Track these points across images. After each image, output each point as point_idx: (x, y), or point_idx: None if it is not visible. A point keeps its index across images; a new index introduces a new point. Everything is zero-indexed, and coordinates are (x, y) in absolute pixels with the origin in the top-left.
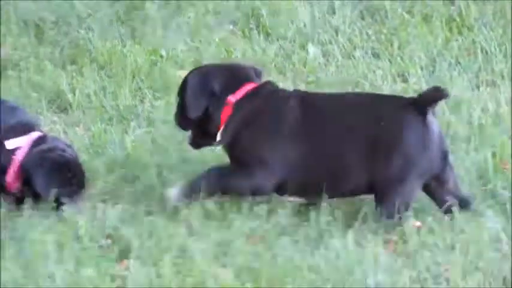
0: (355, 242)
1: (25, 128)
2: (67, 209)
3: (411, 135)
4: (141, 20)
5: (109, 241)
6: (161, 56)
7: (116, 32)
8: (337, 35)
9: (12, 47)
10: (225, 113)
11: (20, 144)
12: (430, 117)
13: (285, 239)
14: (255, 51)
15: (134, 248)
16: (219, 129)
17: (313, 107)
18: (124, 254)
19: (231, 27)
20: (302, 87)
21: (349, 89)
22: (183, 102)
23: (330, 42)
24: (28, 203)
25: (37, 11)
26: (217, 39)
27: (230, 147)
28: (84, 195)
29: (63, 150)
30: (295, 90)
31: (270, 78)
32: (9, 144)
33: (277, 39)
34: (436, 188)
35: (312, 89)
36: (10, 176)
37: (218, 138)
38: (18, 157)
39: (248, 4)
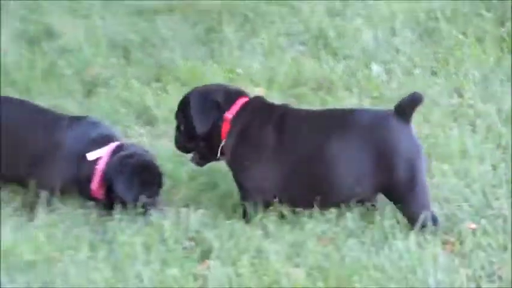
0: (416, 243)
1: (105, 140)
2: (153, 213)
3: (405, 142)
4: (219, 41)
5: (192, 243)
6: (237, 74)
7: (197, 52)
8: (398, 54)
9: (102, 67)
10: (225, 128)
11: (100, 155)
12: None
13: (353, 240)
14: (323, 69)
15: (215, 249)
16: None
17: (300, 123)
18: (205, 254)
19: (301, 47)
20: (367, 102)
21: None
22: (188, 121)
23: (392, 61)
24: (117, 208)
25: (124, 33)
26: (288, 59)
27: (230, 164)
28: (162, 194)
29: (141, 155)
30: (283, 105)
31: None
32: (90, 155)
33: (343, 59)
34: None
35: (377, 103)
36: (94, 185)
37: (219, 154)
38: (100, 166)
39: (316, 27)
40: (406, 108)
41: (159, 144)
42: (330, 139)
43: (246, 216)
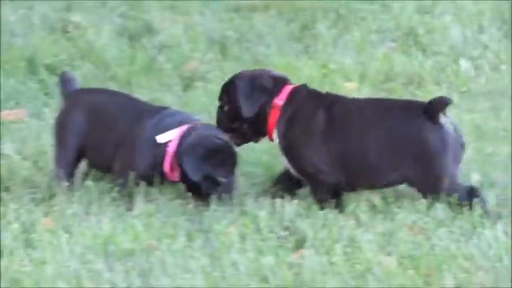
0: (504, 232)
1: (178, 125)
2: (248, 203)
3: (432, 135)
4: (313, 38)
5: (286, 232)
6: (331, 70)
7: (291, 48)
8: (485, 50)
9: (200, 62)
10: (273, 114)
11: (171, 137)
12: (442, 118)
13: (442, 230)
14: (413, 65)
15: (309, 238)
16: (267, 128)
17: (344, 110)
18: (300, 244)
19: (392, 44)
20: (455, 96)
21: (497, 98)
22: (233, 103)
23: (480, 57)
24: (213, 198)
25: (222, 29)
26: (380, 55)
27: (284, 150)
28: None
29: (212, 136)
30: (328, 93)
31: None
32: (160, 138)
33: (433, 55)
34: None
35: (465, 97)
36: (166, 167)
37: (275, 139)
38: (171, 148)
39: (407, 24)
40: (433, 107)
41: None
42: (369, 126)
43: (338, 206)
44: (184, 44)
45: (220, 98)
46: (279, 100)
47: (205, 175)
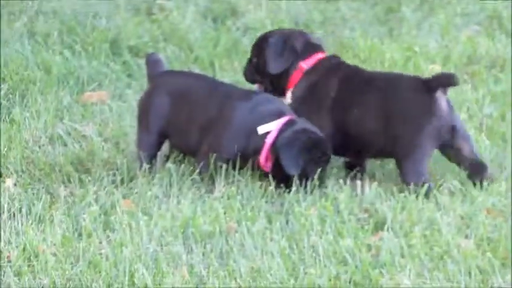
0: None
1: (275, 114)
2: (328, 185)
3: (419, 108)
4: (397, 21)
5: (366, 215)
6: (415, 52)
7: (376, 31)
8: None
9: None
10: (296, 76)
11: (270, 129)
12: (438, 94)
13: None
14: (497, 48)
15: (388, 220)
16: (286, 88)
17: (352, 81)
18: (379, 226)
19: (476, 27)
20: None
21: None
22: (262, 58)
23: None
24: (294, 180)
25: (307, 12)
26: (464, 38)
27: (295, 112)
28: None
29: (311, 132)
30: (351, 66)
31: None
32: (261, 129)
33: None
34: (455, 155)
35: None
36: (263, 158)
37: (288, 99)
38: (269, 140)
39: (491, 7)
40: (435, 82)
41: None
42: (368, 97)
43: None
44: (269, 26)
45: (252, 50)
46: (305, 64)
47: (301, 170)
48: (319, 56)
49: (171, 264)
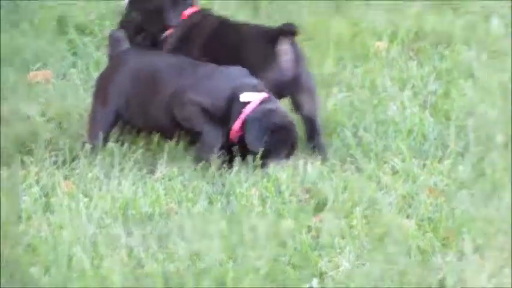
0: None
1: (256, 88)
2: (270, 166)
3: (259, 58)
4: None
5: (307, 195)
6: (361, 29)
7: (323, 6)
8: None
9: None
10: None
11: (251, 99)
12: (281, 45)
13: (463, 192)
14: (443, 24)
15: (329, 201)
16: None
17: (218, 33)
18: (320, 207)
19: (424, 2)
20: (485, 56)
21: None
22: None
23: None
24: (236, 160)
25: None
26: (411, 14)
27: None
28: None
29: (287, 116)
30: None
31: None
32: (243, 97)
33: (464, 14)
34: (296, 110)
35: (495, 57)
36: (237, 125)
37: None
38: (247, 110)
39: None
40: (278, 33)
41: None
42: (225, 48)
43: None
44: (217, 3)
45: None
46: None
47: (264, 148)
48: (193, 9)
49: (110, 246)
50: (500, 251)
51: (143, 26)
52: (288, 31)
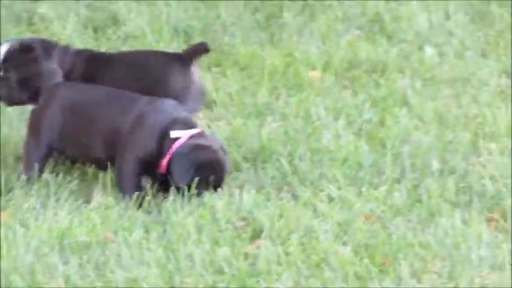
0: (461, 221)
1: (188, 123)
2: (207, 194)
3: (177, 81)
4: (278, 27)
5: (243, 223)
6: (295, 59)
7: (257, 37)
8: (451, 37)
9: None
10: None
11: (181, 135)
12: (193, 68)
13: (399, 218)
14: (378, 52)
15: (266, 228)
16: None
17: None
18: (256, 234)
19: (357, 31)
20: (419, 84)
21: (460, 86)
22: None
23: (445, 44)
24: (172, 190)
25: (187, 19)
26: (345, 43)
27: None
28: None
29: (215, 151)
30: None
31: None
32: (173, 134)
33: (398, 42)
34: None
35: (429, 85)
36: (166, 160)
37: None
38: (176, 145)
39: (372, 11)
40: (190, 55)
41: (216, 126)
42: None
43: None
44: (149, 34)
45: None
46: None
47: (190, 183)
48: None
49: (47, 275)
50: (438, 275)
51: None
52: (203, 49)
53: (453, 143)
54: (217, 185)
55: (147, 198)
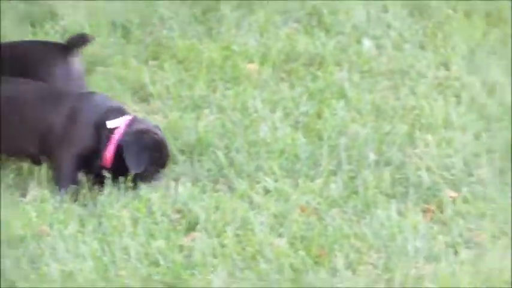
0: (397, 212)
1: (119, 111)
2: (142, 187)
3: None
4: (216, 20)
5: (178, 215)
6: (233, 51)
7: (194, 31)
8: (389, 29)
9: (102, 46)
10: None
11: (118, 125)
12: (73, 57)
13: (335, 210)
14: (316, 45)
15: (201, 221)
16: None
17: None
18: (192, 226)
19: (295, 24)
20: (357, 76)
21: (398, 78)
22: None
23: (383, 37)
24: (108, 182)
25: (124, 13)
26: (282, 36)
27: None
28: (163, 174)
29: (155, 133)
30: None
31: None
32: (110, 124)
33: (336, 35)
34: None
35: (367, 77)
36: (109, 152)
37: None
38: (116, 136)
39: (310, 4)
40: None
41: (152, 119)
42: None
43: None
44: (87, 28)
45: None
46: None
47: (144, 169)
48: None
49: None
50: (373, 267)
51: None
52: (84, 40)
53: (390, 135)
54: (166, 163)
55: (83, 191)
